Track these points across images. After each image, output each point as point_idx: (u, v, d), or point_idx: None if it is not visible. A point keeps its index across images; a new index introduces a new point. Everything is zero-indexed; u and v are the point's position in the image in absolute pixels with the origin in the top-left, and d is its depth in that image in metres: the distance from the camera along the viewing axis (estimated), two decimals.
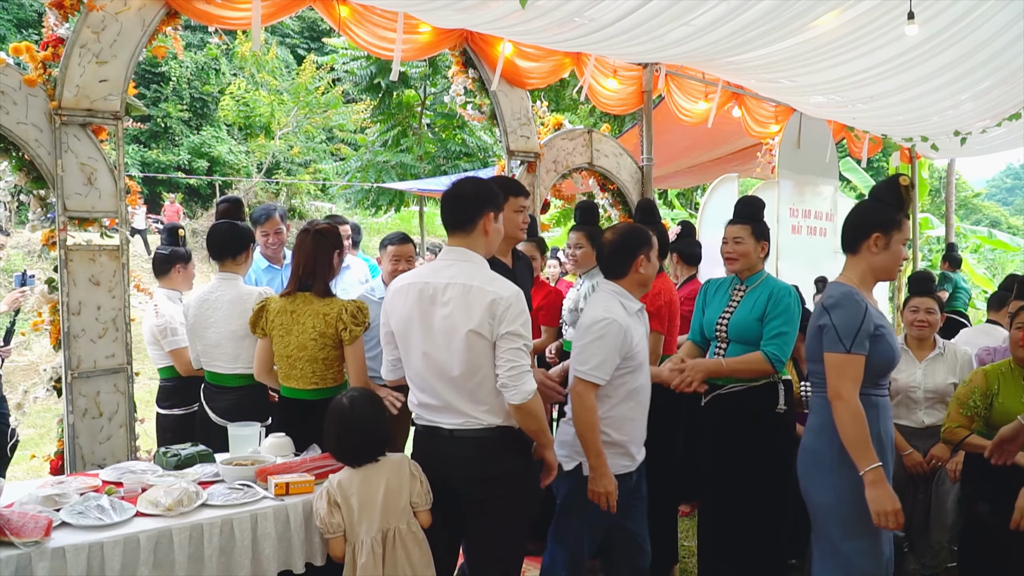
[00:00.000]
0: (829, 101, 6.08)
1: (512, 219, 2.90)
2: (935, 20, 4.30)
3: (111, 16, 3.26)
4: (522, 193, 2.99)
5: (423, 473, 2.48)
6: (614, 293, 2.75)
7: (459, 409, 2.40)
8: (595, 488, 2.61)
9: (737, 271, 3.32)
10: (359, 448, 2.45)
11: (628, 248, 2.74)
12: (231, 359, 3.33)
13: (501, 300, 2.33)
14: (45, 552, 2.05)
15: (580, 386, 2.62)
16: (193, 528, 2.26)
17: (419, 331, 2.43)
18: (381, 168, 15.73)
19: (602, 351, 2.59)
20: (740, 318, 3.22)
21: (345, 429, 2.44)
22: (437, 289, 2.40)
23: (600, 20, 4.06)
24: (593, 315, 2.66)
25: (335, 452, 2.52)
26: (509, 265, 3.00)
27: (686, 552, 4.14)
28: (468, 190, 2.51)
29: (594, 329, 2.61)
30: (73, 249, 3.22)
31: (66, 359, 3.22)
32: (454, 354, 2.36)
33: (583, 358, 2.62)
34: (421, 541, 2.44)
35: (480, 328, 2.33)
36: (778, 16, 4.07)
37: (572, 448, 2.70)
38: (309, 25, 26.86)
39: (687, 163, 8.23)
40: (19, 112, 3.13)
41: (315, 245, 2.97)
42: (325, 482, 2.47)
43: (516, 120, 4.79)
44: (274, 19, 3.80)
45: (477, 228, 2.46)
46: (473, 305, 2.34)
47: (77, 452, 3.23)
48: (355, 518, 2.40)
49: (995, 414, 3.20)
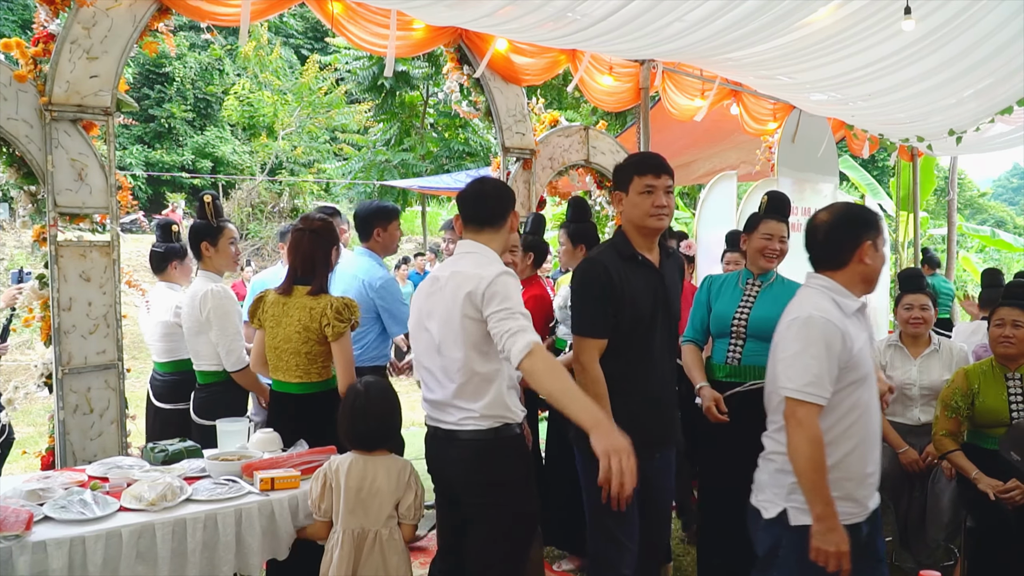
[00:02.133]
0: (828, 99, 6.04)
1: (639, 203, 2.57)
2: (932, 16, 4.26)
3: (102, 12, 3.25)
4: (663, 171, 2.59)
5: (421, 486, 2.46)
6: (824, 289, 2.22)
7: (457, 405, 2.40)
8: (821, 545, 2.04)
9: (771, 268, 3.29)
10: (365, 434, 2.46)
11: (849, 232, 2.23)
12: (194, 355, 3.42)
13: (483, 280, 2.31)
14: (26, 546, 2.05)
15: (798, 410, 2.08)
16: (176, 523, 2.26)
17: (424, 323, 2.47)
18: (384, 168, 15.74)
19: (817, 360, 2.09)
20: (763, 314, 3.15)
21: (356, 412, 2.46)
22: (444, 282, 2.44)
23: (592, 15, 4.04)
24: (795, 314, 2.20)
25: (343, 433, 2.52)
26: (655, 264, 2.68)
27: (681, 551, 4.12)
28: (491, 189, 2.54)
29: (803, 334, 2.12)
30: (64, 245, 3.22)
31: (57, 355, 3.21)
32: (451, 344, 2.38)
33: (791, 373, 2.12)
34: (401, 551, 2.43)
35: (466, 312, 2.33)
36: (773, 11, 4.05)
37: (772, 488, 2.22)
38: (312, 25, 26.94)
39: (685, 161, 8.20)
40: (9, 108, 3.12)
41: (312, 244, 2.97)
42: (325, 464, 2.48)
43: (511, 117, 4.78)
44: (265, 16, 3.79)
45: (503, 225, 2.51)
46: (458, 290, 2.36)
47: (68, 448, 3.23)
48: (341, 506, 2.39)
49: (977, 413, 3.21)
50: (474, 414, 2.37)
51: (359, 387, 2.53)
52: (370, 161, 16.01)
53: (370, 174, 15.95)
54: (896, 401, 3.69)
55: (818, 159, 6.67)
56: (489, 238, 2.50)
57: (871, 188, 11.54)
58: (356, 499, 2.39)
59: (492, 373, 2.38)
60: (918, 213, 8.66)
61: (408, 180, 14.70)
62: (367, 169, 16.08)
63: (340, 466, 2.43)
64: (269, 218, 19.58)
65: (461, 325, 2.35)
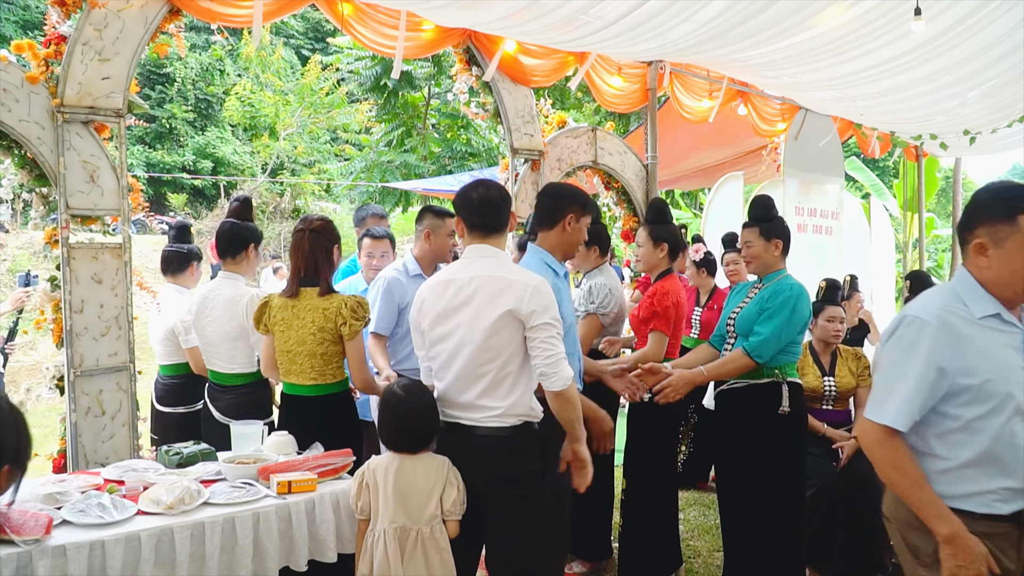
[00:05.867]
0: (836, 96, 6.04)
1: None
2: (942, 17, 4.26)
3: (113, 14, 3.24)
4: None
5: (463, 482, 2.46)
6: None
7: (481, 404, 2.42)
8: None
9: (755, 272, 3.36)
10: (410, 437, 2.46)
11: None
12: (227, 359, 3.36)
13: (528, 287, 2.37)
14: (46, 550, 2.04)
15: None
16: (195, 526, 2.25)
17: (445, 326, 2.47)
18: (386, 168, 15.72)
19: None
20: (746, 313, 3.26)
21: (400, 415, 2.46)
22: (462, 284, 2.44)
23: (605, 18, 4.03)
24: None
25: (387, 438, 2.52)
26: None
27: (692, 552, 4.12)
28: (497, 196, 2.56)
29: None
30: (75, 247, 3.21)
31: (69, 357, 3.20)
32: (480, 346, 2.40)
33: None
34: (443, 550, 2.41)
35: (506, 318, 2.36)
36: (782, 12, 4.04)
37: None
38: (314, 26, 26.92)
39: (693, 164, 8.19)
40: (21, 110, 3.12)
41: (313, 244, 2.95)
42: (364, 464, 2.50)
43: (520, 118, 4.77)
44: (276, 17, 3.78)
45: (506, 229, 2.58)
46: (498, 296, 2.38)
47: (80, 450, 3.22)
48: (379, 504, 2.41)
49: None
50: (498, 411, 2.41)
51: (398, 391, 2.50)
52: (372, 162, 15.99)
53: (372, 175, 15.93)
54: None
55: (824, 161, 6.66)
56: (497, 241, 2.56)
57: (876, 189, 11.54)
58: (396, 498, 2.40)
59: (520, 376, 2.43)
60: (923, 214, 8.64)
61: (410, 182, 14.67)
62: (369, 170, 16.07)
63: (379, 467, 2.45)
64: (271, 219, 19.58)
65: (496, 329, 2.38)
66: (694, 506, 4.86)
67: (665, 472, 3.72)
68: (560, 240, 2.80)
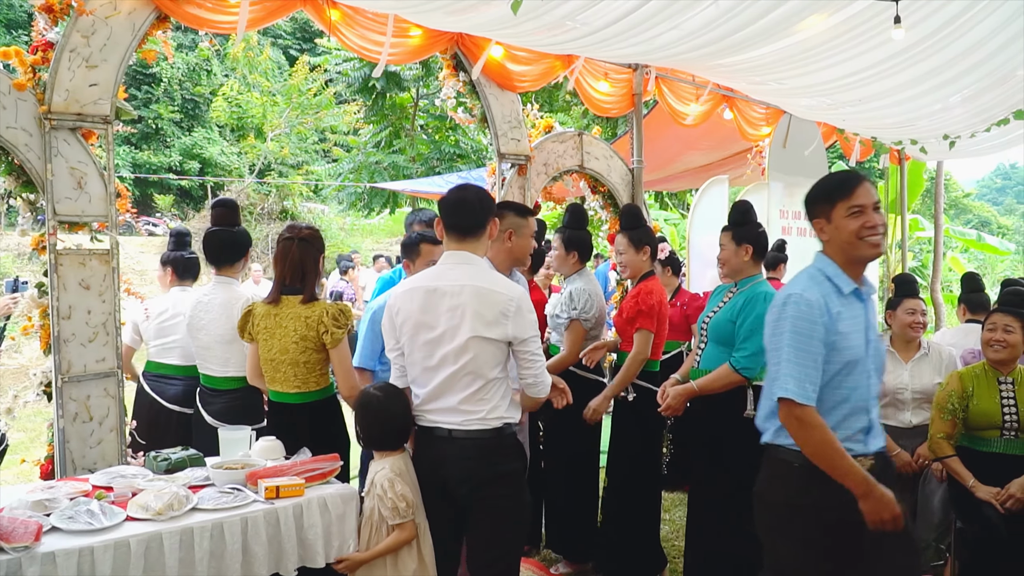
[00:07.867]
0: (818, 104, 6.11)
1: None
2: (923, 24, 4.33)
3: (101, 20, 3.25)
4: None
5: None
6: None
7: (463, 408, 2.46)
8: None
9: (727, 276, 3.42)
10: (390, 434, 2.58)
11: None
12: (221, 362, 3.36)
13: (512, 301, 2.45)
14: (35, 557, 2.05)
15: None
16: (183, 532, 2.27)
17: (426, 332, 2.49)
18: (374, 169, 15.72)
19: None
20: (718, 318, 3.33)
21: (376, 414, 2.56)
22: (445, 292, 2.47)
23: (592, 24, 4.07)
24: None
25: (366, 438, 2.62)
26: None
27: (676, 552, 4.16)
28: (474, 197, 2.58)
29: None
30: (63, 253, 3.22)
31: (56, 363, 3.21)
32: (462, 353, 2.44)
33: None
34: None
35: (491, 329, 2.43)
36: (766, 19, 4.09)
37: None
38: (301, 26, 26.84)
39: (680, 166, 8.25)
40: (8, 116, 3.12)
41: (301, 252, 2.97)
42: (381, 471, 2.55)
43: (507, 123, 4.80)
44: (264, 23, 3.79)
45: (484, 233, 2.58)
46: (484, 306, 2.43)
47: (67, 456, 3.22)
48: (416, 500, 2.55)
49: (971, 415, 3.28)
50: (479, 415, 2.47)
51: (375, 392, 2.59)
52: (360, 163, 15.98)
53: (360, 176, 15.92)
54: (888, 405, 3.75)
55: (808, 164, 6.73)
56: (472, 246, 2.56)
57: None
58: None
59: (501, 382, 2.51)
60: (906, 216, 8.74)
61: (398, 182, 14.67)
62: (357, 171, 16.06)
63: (397, 465, 2.56)
64: (258, 220, 19.50)
65: (479, 337, 2.43)
66: (679, 507, 4.91)
67: (647, 472, 3.77)
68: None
